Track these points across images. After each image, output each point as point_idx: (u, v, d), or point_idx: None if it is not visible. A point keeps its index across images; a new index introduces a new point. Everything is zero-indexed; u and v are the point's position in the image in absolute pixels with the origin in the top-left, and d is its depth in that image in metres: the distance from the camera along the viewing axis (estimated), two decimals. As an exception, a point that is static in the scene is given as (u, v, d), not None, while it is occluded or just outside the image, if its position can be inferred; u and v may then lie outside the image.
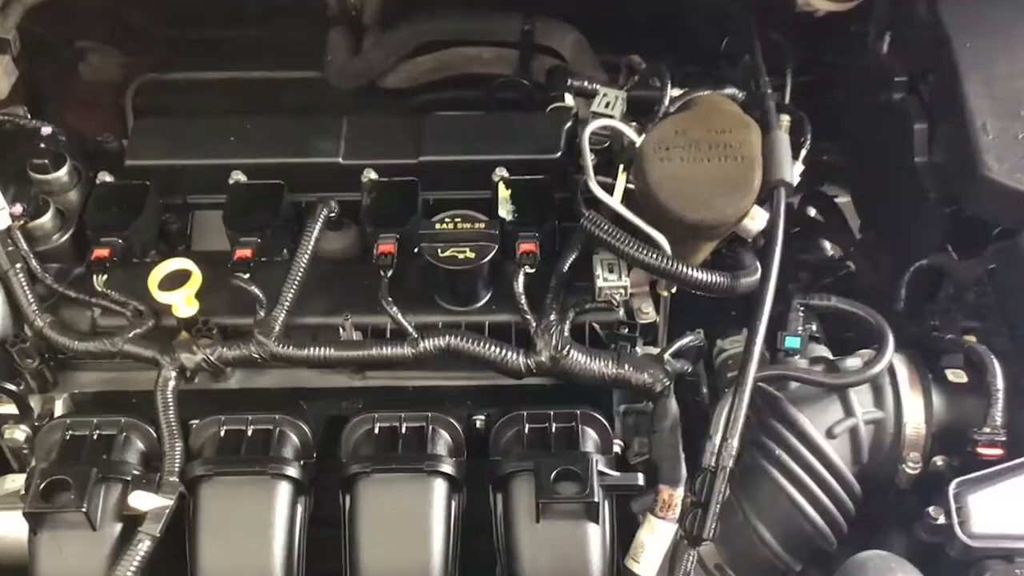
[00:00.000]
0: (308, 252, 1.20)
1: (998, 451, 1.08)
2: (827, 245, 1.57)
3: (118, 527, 1.08)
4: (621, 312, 1.21)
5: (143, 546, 1.05)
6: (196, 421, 1.16)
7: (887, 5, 1.37)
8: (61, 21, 1.62)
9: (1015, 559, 1.01)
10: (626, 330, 1.20)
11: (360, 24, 1.70)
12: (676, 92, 1.31)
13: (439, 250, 1.17)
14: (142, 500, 1.07)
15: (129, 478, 1.09)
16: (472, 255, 1.17)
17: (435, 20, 1.68)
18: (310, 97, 1.73)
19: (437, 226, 1.19)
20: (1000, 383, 1.10)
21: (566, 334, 1.17)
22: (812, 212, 1.63)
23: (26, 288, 1.19)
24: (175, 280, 1.17)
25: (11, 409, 1.20)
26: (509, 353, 1.16)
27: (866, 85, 1.40)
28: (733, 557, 1.15)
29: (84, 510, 1.05)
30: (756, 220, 1.20)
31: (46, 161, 1.26)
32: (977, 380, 1.14)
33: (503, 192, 1.25)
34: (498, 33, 1.66)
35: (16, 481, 1.22)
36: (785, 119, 1.27)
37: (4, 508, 1.20)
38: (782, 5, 1.44)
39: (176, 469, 1.10)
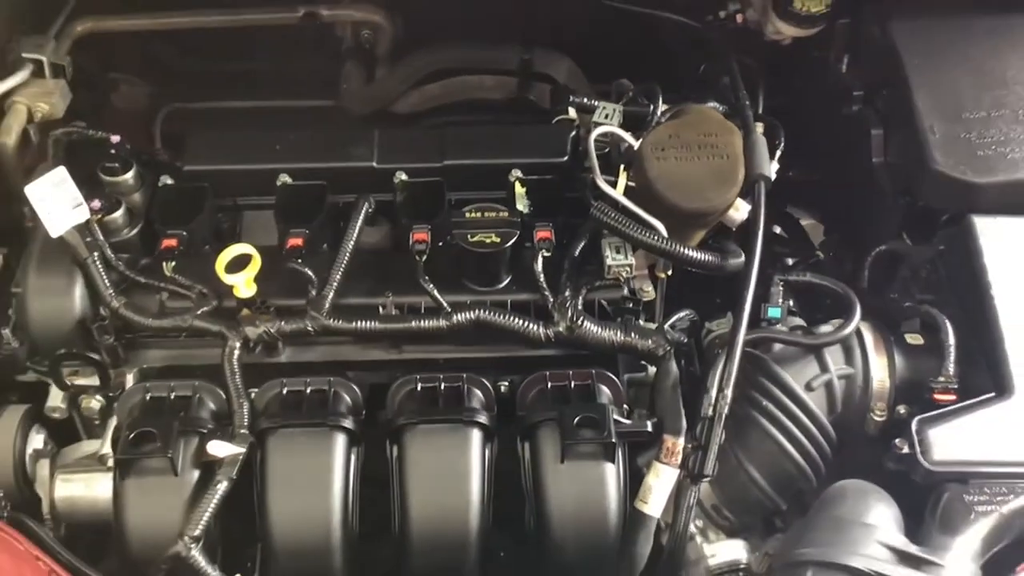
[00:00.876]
0: (353, 239, 1.38)
1: (951, 397, 1.27)
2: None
3: (196, 473, 1.23)
4: (626, 290, 1.40)
5: (221, 487, 1.20)
6: (255, 390, 1.32)
7: (845, 30, 1.59)
8: (98, 53, 1.80)
9: (968, 481, 1.19)
10: (630, 305, 1.39)
11: (372, 56, 1.90)
12: (664, 107, 1.53)
13: (468, 235, 1.35)
14: (219, 448, 1.22)
15: (205, 431, 1.24)
16: (497, 239, 1.35)
17: (441, 51, 1.88)
18: (327, 123, 1.91)
19: (467, 215, 1.37)
20: (952, 340, 1.30)
21: (580, 307, 1.35)
22: (777, 230, 1.82)
23: (103, 273, 1.35)
24: (238, 264, 1.34)
25: (88, 381, 1.36)
26: (531, 324, 1.34)
27: (829, 101, 1.62)
28: (727, 498, 1.33)
29: (169, 455, 1.20)
30: (740, 211, 1.40)
31: (116, 165, 1.43)
32: (932, 341, 1.34)
33: (519, 189, 1.43)
34: (499, 62, 1.87)
35: (90, 446, 1.37)
36: (760, 126, 1.48)
37: (79, 471, 1.36)
38: (754, 35, 1.67)
39: (245, 423, 1.26)
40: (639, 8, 1.74)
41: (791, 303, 1.41)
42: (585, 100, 1.57)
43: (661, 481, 1.29)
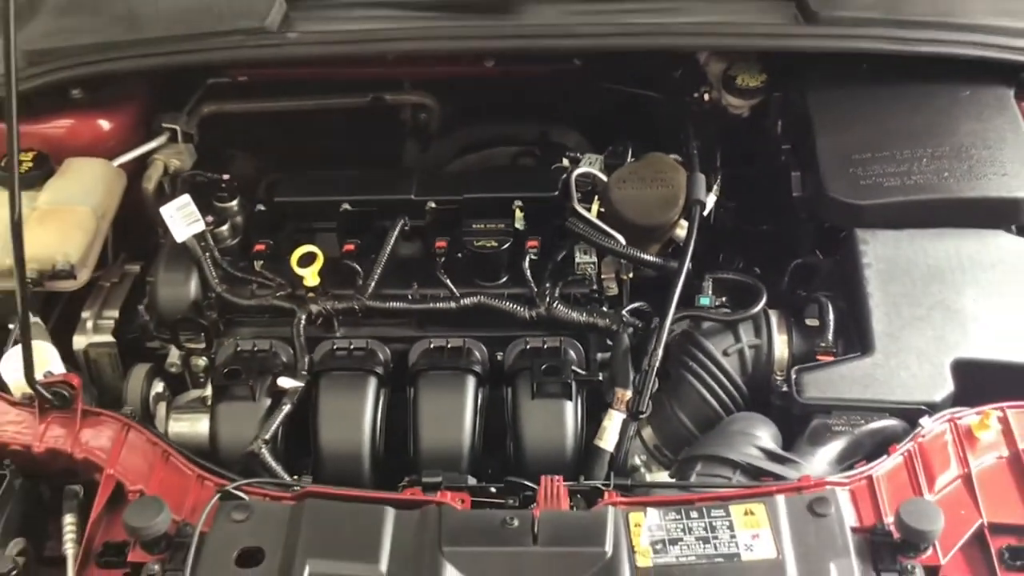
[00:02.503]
0: (390, 244, 1.87)
1: (829, 357, 1.67)
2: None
3: (268, 400, 1.70)
4: (593, 285, 1.85)
5: (286, 408, 1.68)
6: (315, 352, 1.80)
7: (779, 101, 2.05)
8: (218, 128, 2.34)
9: (831, 412, 1.59)
10: (596, 296, 1.84)
11: (426, 132, 2.42)
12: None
13: (475, 241, 1.83)
14: (286, 383, 1.70)
15: (276, 371, 1.72)
16: (495, 244, 1.83)
17: (479, 127, 2.40)
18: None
19: (475, 227, 1.86)
20: (831, 317, 1.71)
21: (556, 296, 1.81)
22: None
23: (211, 268, 1.87)
24: (306, 260, 1.84)
25: (197, 346, 1.86)
26: (518, 307, 1.80)
27: (770, 155, 2.07)
28: (665, 439, 1.73)
29: (250, 384, 1.68)
30: (682, 229, 1.85)
31: (225, 194, 1.96)
32: (824, 323, 1.75)
33: (518, 213, 1.91)
34: (523, 136, 2.37)
35: (196, 393, 1.86)
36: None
37: (187, 412, 1.85)
38: (721, 110, 2.13)
39: (305, 368, 1.73)
40: (633, 90, 2.25)
41: (724, 299, 1.84)
42: (576, 154, 2.05)
43: (613, 423, 1.70)
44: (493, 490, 1.52)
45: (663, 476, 1.72)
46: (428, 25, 2.07)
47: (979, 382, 1.61)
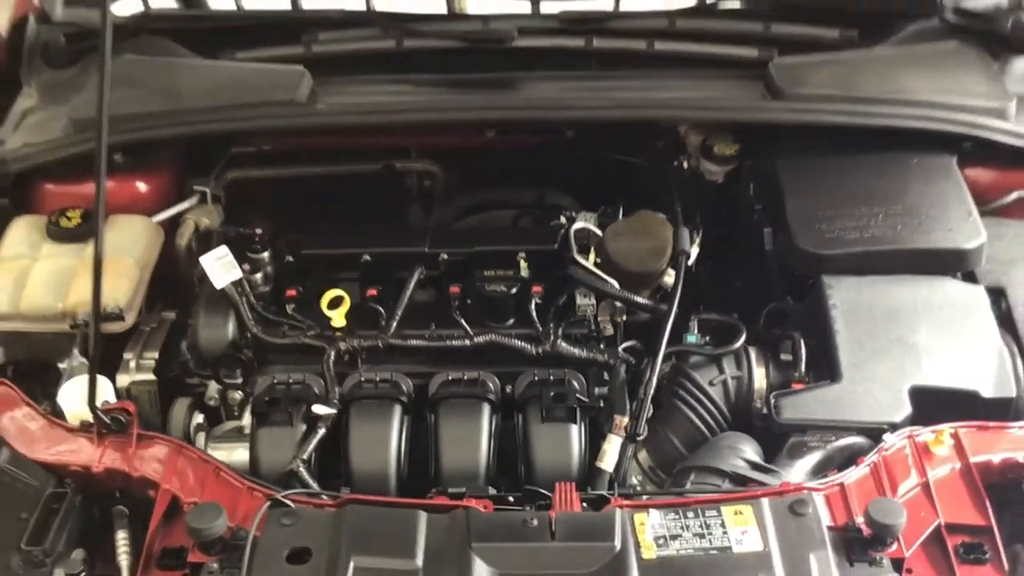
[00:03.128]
0: (409, 291, 2.08)
1: (802, 385, 1.90)
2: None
3: (303, 426, 1.89)
4: (592, 325, 2.07)
5: (321, 432, 1.86)
6: (346, 382, 1.99)
7: (751, 167, 2.31)
8: (242, 191, 2.55)
9: (806, 430, 1.81)
10: (594, 335, 2.06)
11: (431, 196, 2.65)
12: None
13: (485, 286, 2.05)
14: (320, 409, 1.89)
15: (310, 400, 1.92)
16: (503, 289, 2.05)
17: (480, 194, 2.62)
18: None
19: (485, 274, 2.08)
20: (803, 352, 1.94)
21: (559, 335, 2.03)
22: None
23: (247, 311, 2.07)
24: (334, 303, 2.05)
25: (234, 381, 2.05)
26: (525, 345, 2.01)
27: (743, 216, 2.32)
28: (658, 461, 1.93)
29: (288, 411, 1.87)
30: (669, 277, 2.09)
31: (259, 246, 2.17)
32: (796, 358, 1.97)
33: (523, 263, 2.14)
34: (520, 199, 2.61)
35: (232, 424, 2.04)
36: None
37: (224, 441, 2.02)
38: (699, 177, 2.39)
39: (336, 397, 1.93)
40: (621, 157, 2.50)
41: (708, 337, 2.06)
42: (572, 213, 2.28)
43: (612, 446, 1.90)
44: (511, 499, 1.71)
45: (656, 494, 1.93)
46: (437, 98, 2.32)
47: (932, 405, 1.83)
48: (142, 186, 2.33)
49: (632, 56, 2.35)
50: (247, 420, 1.99)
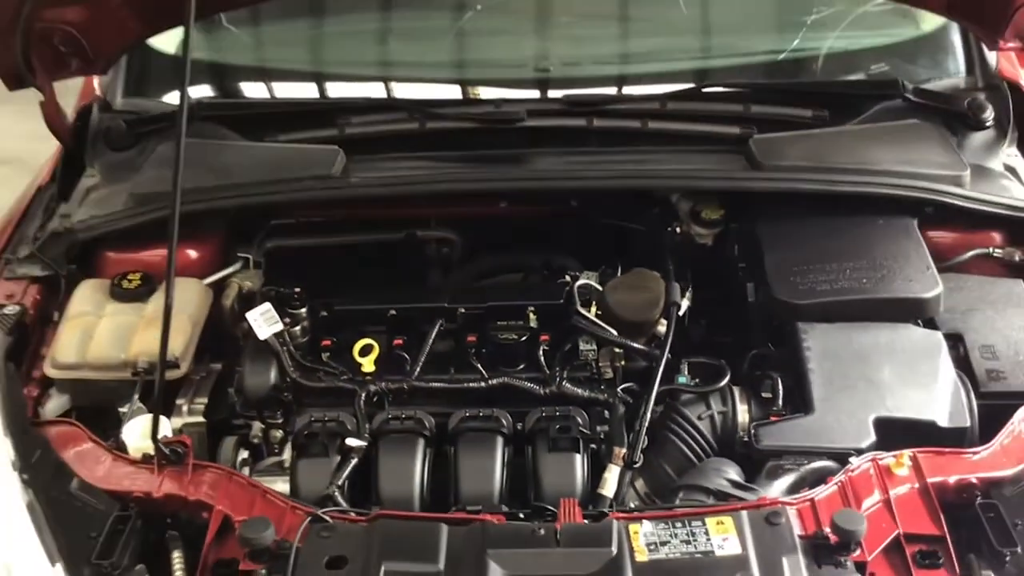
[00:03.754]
0: (431, 340, 2.34)
1: (778, 419, 2.14)
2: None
3: (338, 457, 2.13)
4: (594, 369, 2.32)
5: (353, 461, 2.11)
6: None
7: (736, 230, 2.58)
8: (280, 259, 2.82)
9: (782, 455, 2.05)
10: (596, 377, 2.31)
11: (448, 262, 2.93)
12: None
13: (499, 335, 2.32)
14: (353, 442, 2.14)
15: (343, 434, 2.16)
16: (515, 337, 2.31)
17: (492, 259, 2.90)
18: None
19: (498, 324, 2.34)
20: (780, 389, 2.18)
21: (565, 377, 2.28)
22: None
23: (288, 360, 2.33)
24: (365, 351, 2.31)
25: (275, 422, 2.30)
26: (535, 386, 2.26)
27: (731, 273, 2.58)
28: (654, 488, 2.15)
29: (324, 443, 2.12)
30: (662, 325, 2.34)
31: (298, 303, 2.44)
32: (775, 394, 2.22)
33: (532, 316, 2.40)
34: (529, 263, 2.88)
35: (274, 460, 2.29)
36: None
37: (266, 475, 2.26)
38: (690, 240, 2.66)
39: (367, 431, 2.17)
40: (620, 223, 2.77)
41: (696, 379, 2.30)
42: (575, 272, 2.55)
43: (612, 474, 2.13)
44: (521, 515, 1.95)
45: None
46: (455, 172, 2.61)
47: (894, 434, 2.07)
48: (193, 253, 2.59)
49: (628, 134, 2.63)
50: (287, 455, 2.24)
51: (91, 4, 2.50)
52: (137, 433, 2.17)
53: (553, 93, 2.75)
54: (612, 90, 2.74)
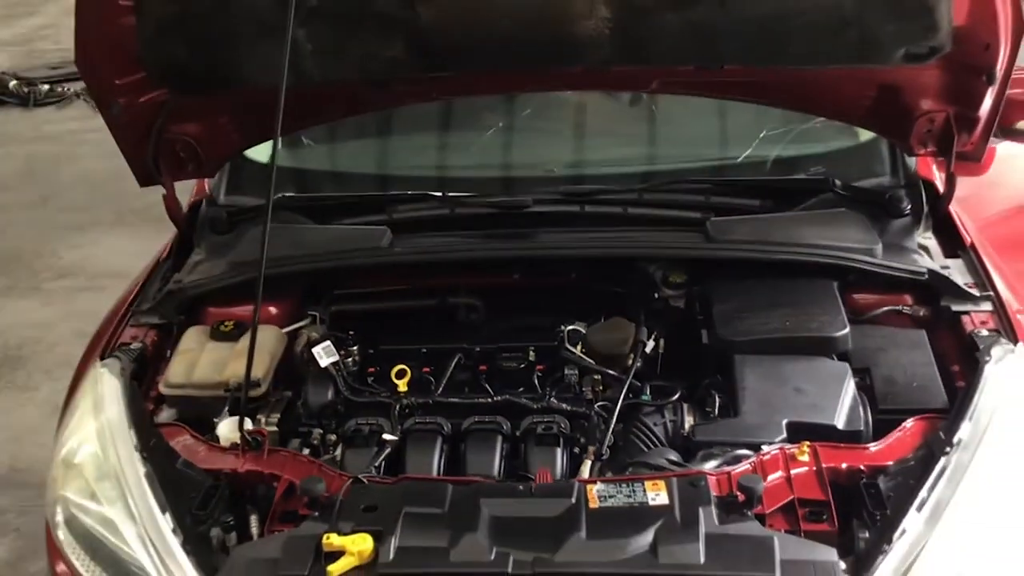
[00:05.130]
0: (450, 369, 3.03)
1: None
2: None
3: (375, 448, 2.81)
4: (577, 391, 2.98)
5: (387, 450, 2.78)
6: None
7: (696, 292, 3.25)
8: (341, 318, 3.58)
9: (713, 447, 2.67)
10: (578, 396, 2.97)
11: (474, 325, 3.62)
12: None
13: (504, 364, 3.00)
14: (388, 437, 2.82)
15: (381, 431, 2.84)
16: (515, 365, 3.00)
17: (507, 322, 3.58)
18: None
19: (504, 355, 3.03)
20: (716, 403, 2.82)
21: (552, 395, 2.94)
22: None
23: (342, 383, 3.04)
24: (400, 374, 3.01)
25: (330, 428, 2.99)
26: (529, 401, 2.93)
27: (693, 325, 3.24)
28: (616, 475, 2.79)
29: (366, 438, 2.80)
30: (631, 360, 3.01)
31: (351, 343, 3.16)
32: (712, 406, 2.85)
33: (531, 352, 3.08)
34: (538, 323, 3.55)
35: (324, 458, 2.96)
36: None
37: (322, 468, 2.94)
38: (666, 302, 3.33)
39: (399, 431, 2.85)
40: (611, 288, 3.45)
41: (656, 399, 2.95)
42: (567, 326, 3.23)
43: (586, 467, 2.75)
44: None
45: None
46: (477, 244, 3.34)
47: (802, 434, 2.68)
48: (273, 309, 3.33)
49: (612, 217, 3.34)
50: (339, 453, 2.92)
51: (206, 121, 3.34)
52: (227, 429, 2.88)
53: (554, 187, 3.50)
54: (600, 185, 3.47)
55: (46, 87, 12.32)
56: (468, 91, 3.42)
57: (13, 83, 12.50)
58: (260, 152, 3.73)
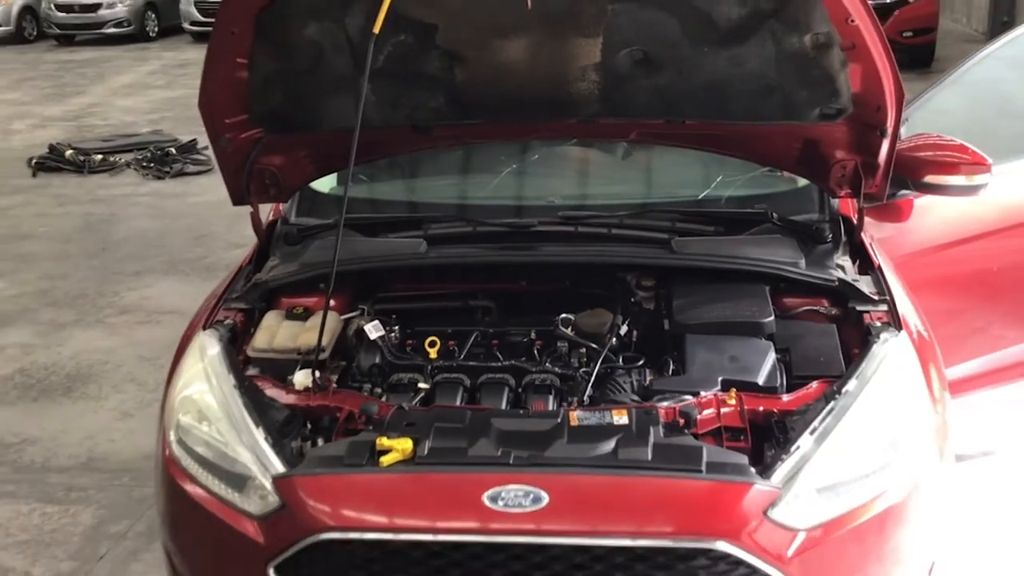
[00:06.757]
0: (470, 342, 3.96)
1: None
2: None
3: (412, 392, 3.73)
4: (566, 360, 3.90)
5: (421, 395, 3.71)
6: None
7: (663, 293, 4.19)
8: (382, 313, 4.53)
9: (664, 394, 3.60)
10: (567, 363, 3.90)
11: (488, 324, 4.56)
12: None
13: (511, 338, 3.94)
14: (421, 384, 3.74)
15: (417, 382, 3.77)
16: (520, 339, 3.93)
17: (517, 320, 4.53)
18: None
19: (511, 332, 3.97)
20: (671, 367, 3.74)
21: (547, 361, 3.86)
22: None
23: (387, 350, 3.96)
24: (432, 344, 3.94)
25: (377, 384, 3.91)
26: (528, 366, 3.85)
27: (659, 320, 4.17)
28: (595, 421, 3.70)
29: (405, 385, 3.73)
30: (610, 338, 3.94)
31: (394, 324, 4.10)
32: (666, 370, 3.77)
33: (533, 334, 4.02)
34: (541, 323, 4.49)
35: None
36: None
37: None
38: (640, 305, 4.27)
39: (430, 382, 3.77)
40: (599, 292, 4.39)
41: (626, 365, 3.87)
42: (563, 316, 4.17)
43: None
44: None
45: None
46: (493, 252, 4.30)
47: (731, 387, 3.60)
48: (332, 301, 4.29)
49: (599, 236, 4.29)
50: (384, 399, 3.84)
51: (288, 155, 4.35)
52: (302, 376, 3.82)
53: (554, 213, 4.49)
54: (591, 212, 4.45)
55: (99, 157, 13.60)
56: (490, 137, 4.43)
57: (69, 152, 13.78)
58: (322, 184, 4.75)
